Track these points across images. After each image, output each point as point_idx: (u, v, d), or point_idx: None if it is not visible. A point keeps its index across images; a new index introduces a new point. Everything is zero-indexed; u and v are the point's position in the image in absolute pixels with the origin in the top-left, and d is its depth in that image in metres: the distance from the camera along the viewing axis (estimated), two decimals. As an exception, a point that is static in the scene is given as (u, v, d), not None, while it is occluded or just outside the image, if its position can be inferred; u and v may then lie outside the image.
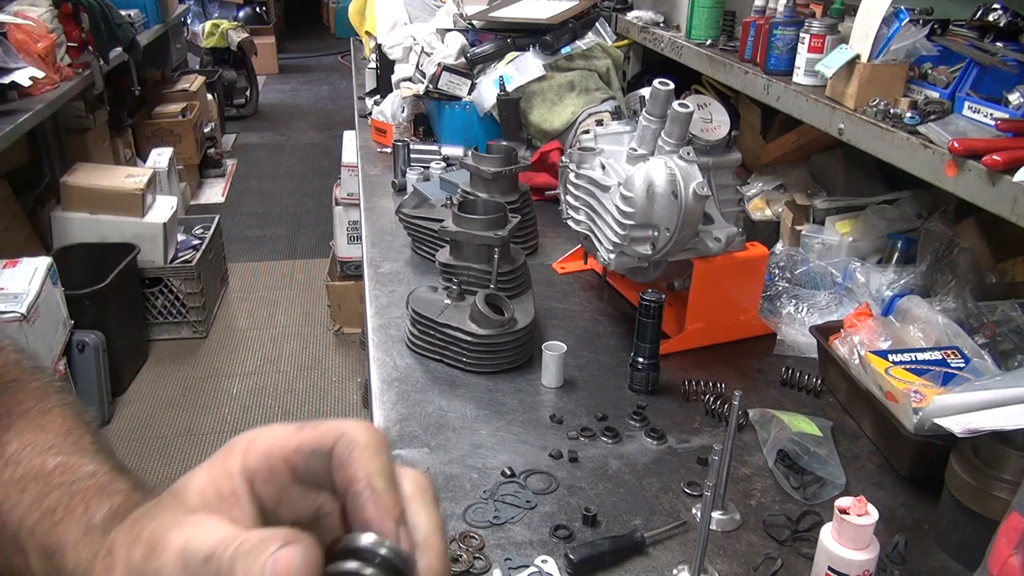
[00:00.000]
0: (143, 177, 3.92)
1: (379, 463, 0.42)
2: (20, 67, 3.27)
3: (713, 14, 2.21)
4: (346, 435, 0.42)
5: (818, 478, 1.25)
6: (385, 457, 0.42)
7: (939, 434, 1.11)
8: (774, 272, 1.80)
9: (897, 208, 1.83)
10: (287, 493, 0.44)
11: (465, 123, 2.62)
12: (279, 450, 0.43)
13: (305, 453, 0.43)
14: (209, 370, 3.89)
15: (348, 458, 0.42)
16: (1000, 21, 1.48)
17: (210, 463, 0.44)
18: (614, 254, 1.56)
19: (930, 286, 1.61)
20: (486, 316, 1.48)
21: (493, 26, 2.74)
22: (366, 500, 0.41)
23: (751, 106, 2.30)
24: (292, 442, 0.43)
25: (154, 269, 3.92)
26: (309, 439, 0.43)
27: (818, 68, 1.63)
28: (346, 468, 0.42)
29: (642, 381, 1.48)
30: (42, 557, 0.51)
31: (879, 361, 1.33)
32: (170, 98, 5.82)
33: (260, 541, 0.39)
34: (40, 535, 0.51)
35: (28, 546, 0.52)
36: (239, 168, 6.72)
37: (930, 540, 1.15)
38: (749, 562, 1.11)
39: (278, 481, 0.43)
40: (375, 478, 0.41)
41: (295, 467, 0.43)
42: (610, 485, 1.25)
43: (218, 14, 8.73)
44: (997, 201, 1.20)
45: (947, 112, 1.41)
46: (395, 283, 1.89)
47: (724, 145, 1.61)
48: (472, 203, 1.77)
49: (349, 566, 0.39)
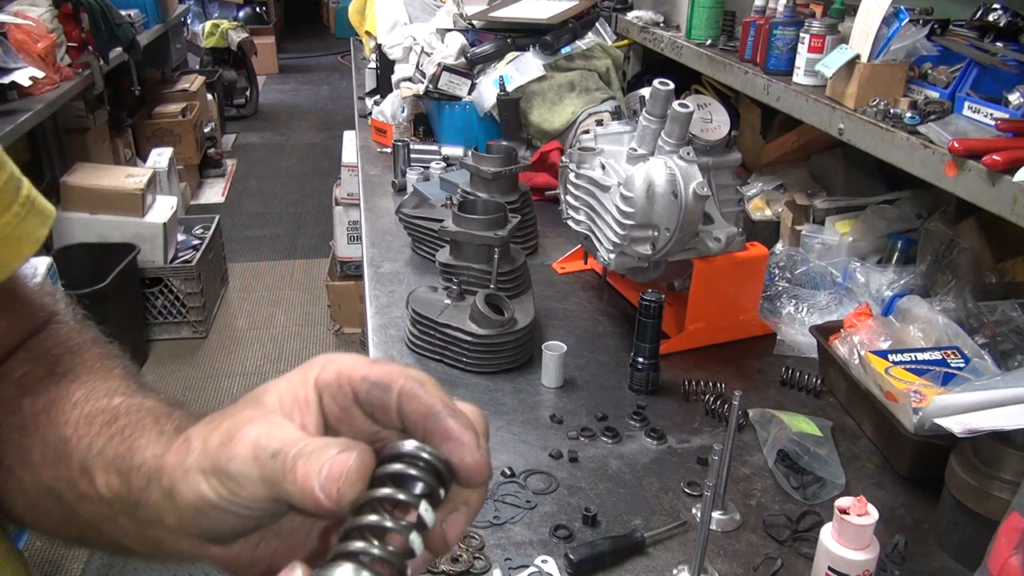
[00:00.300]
0: (143, 177, 3.93)
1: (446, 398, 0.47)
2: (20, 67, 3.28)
3: (713, 14, 2.21)
4: (413, 376, 0.47)
5: (818, 478, 1.25)
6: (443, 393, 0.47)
7: (939, 434, 1.11)
8: (774, 272, 1.80)
9: (897, 208, 1.83)
10: (349, 413, 0.48)
11: (465, 123, 2.62)
12: (348, 374, 0.48)
13: (370, 383, 0.47)
14: (209, 370, 3.89)
15: (417, 392, 0.46)
16: (1000, 21, 1.48)
17: (290, 374, 0.49)
18: (614, 254, 1.56)
19: (930, 286, 1.61)
20: (486, 316, 1.48)
21: (493, 26, 2.74)
22: (446, 418, 0.45)
23: (751, 106, 2.30)
24: (360, 371, 0.48)
25: (154, 269, 3.92)
26: (376, 373, 0.48)
27: (818, 68, 1.63)
28: (418, 400, 0.46)
29: (642, 381, 1.48)
30: (109, 469, 0.55)
31: (879, 361, 1.33)
32: (170, 98, 5.82)
33: (323, 445, 0.44)
34: (110, 452, 0.55)
35: (96, 466, 0.56)
36: (239, 168, 6.72)
37: (930, 540, 1.15)
38: (749, 562, 1.11)
39: (343, 400, 0.48)
40: (452, 405, 0.46)
41: (358, 392, 0.48)
42: (610, 485, 1.25)
43: (218, 14, 8.73)
44: (997, 201, 1.20)
45: (947, 112, 1.41)
46: (395, 283, 1.89)
47: (724, 145, 1.61)
48: (472, 203, 1.77)
49: (395, 467, 0.43)
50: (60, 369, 0.64)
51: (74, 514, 0.58)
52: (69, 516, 0.58)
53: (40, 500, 0.60)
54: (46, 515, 0.60)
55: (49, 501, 0.59)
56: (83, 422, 0.58)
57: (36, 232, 0.63)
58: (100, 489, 0.55)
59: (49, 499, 0.59)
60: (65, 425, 0.59)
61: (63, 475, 0.57)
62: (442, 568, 1.07)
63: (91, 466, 0.56)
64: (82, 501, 0.57)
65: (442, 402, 0.46)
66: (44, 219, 0.64)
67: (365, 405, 0.48)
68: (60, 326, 0.70)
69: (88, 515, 0.57)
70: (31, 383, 0.63)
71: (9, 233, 0.60)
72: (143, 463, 0.53)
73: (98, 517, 0.56)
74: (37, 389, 0.62)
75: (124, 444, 0.55)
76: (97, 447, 0.56)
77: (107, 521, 0.56)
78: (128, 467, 0.54)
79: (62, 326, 0.70)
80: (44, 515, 0.60)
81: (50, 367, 0.64)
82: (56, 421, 0.59)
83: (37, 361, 0.65)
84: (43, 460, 0.59)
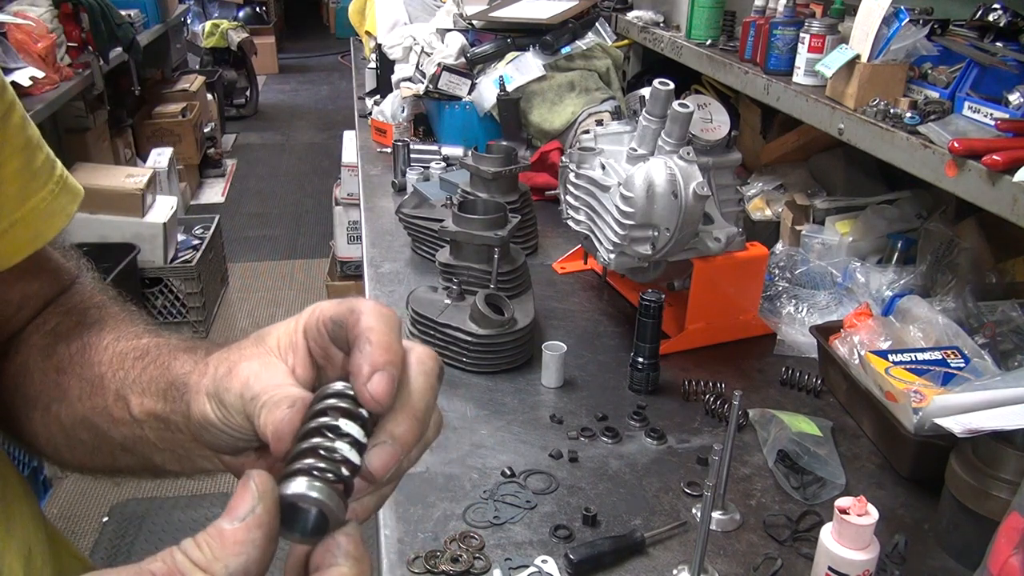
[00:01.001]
0: (143, 177, 3.93)
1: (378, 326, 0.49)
2: (20, 67, 3.28)
3: (713, 14, 2.21)
4: (355, 308, 0.51)
5: (818, 478, 1.25)
6: (383, 323, 0.50)
7: (939, 434, 1.11)
8: (774, 272, 1.80)
9: (897, 208, 1.83)
10: (328, 352, 0.53)
11: (465, 123, 2.62)
12: (323, 315, 0.52)
13: (333, 322, 0.51)
14: (209, 370, 3.89)
15: (354, 324, 0.50)
16: (1000, 21, 1.48)
17: (289, 319, 0.55)
18: (614, 254, 1.56)
19: (930, 286, 1.61)
20: (486, 316, 1.48)
21: (493, 26, 2.74)
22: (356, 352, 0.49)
23: (751, 106, 2.30)
24: (329, 312, 0.52)
25: (154, 269, 3.92)
26: (338, 311, 0.51)
27: (818, 68, 1.63)
28: (352, 331, 0.50)
29: (642, 381, 1.48)
30: (144, 391, 0.63)
31: (879, 361, 1.33)
32: (170, 98, 5.82)
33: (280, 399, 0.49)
34: (145, 377, 0.64)
35: (132, 391, 0.64)
36: (239, 168, 6.72)
37: (930, 540, 1.15)
38: (749, 562, 1.11)
39: (322, 342, 0.53)
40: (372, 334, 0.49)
41: (329, 333, 0.52)
42: (610, 485, 1.25)
43: (218, 14, 8.73)
44: (997, 201, 1.20)
45: (947, 112, 1.41)
46: (395, 283, 1.89)
47: (724, 145, 1.61)
48: (472, 203, 1.77)
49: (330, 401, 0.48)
50: (88, 320, 0.73)
51: (107, 440, 0.66)
52: (102, 443, 0.67)
53: (75, 431, 0.68)
54: (80, 445, 0.69)
55: (84, 431, 0.67)
56: (116, 359, 0.67)
57: (68, 208, 0.71)
58: (134, 411, 0.63)
59: (84, 429, 0.67)
60: (100, 364, 0.68)
61: (99, 404, 0.66)
62: (442, 568, 1.07)
63: (126, 393, 0.64)
64: (116, 426, 0.65)
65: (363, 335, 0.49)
66: (74, 196, 0.73)
67: (334, 343, 0.52)
68: (84, 285, 0.80)
69: (121, 438, 0.65)
70: (64, 331, 0.72)
71: (46, 208, 0.68)
72: (176, 377, 0.61)
73: (131, 439, 0.65)
74: (70, 336, 0.71)
75: (159, 369, 0.63)
76: (132, 376, 0.65)
77: (139, 441, 0.64)
78: (165, 385, 0.62)
79: (86, 285, 0.80)
80: (78, 445, 0.69)
81: (79, 317, 0.73)
82: (91, 360, 0.68)
83: (68, 314, 0.74)
84: (80, 394, 0.67)
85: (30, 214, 0.67)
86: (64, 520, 2.88)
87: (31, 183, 0.67)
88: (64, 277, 0.79)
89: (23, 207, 0.66)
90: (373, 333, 0.49)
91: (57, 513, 2.91)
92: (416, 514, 1.17)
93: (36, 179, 0.67)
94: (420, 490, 1.22)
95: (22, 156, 0.65)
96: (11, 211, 0.65)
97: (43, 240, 0.70)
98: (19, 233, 0.67)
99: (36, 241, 0.69)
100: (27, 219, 0.67)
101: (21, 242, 0.68)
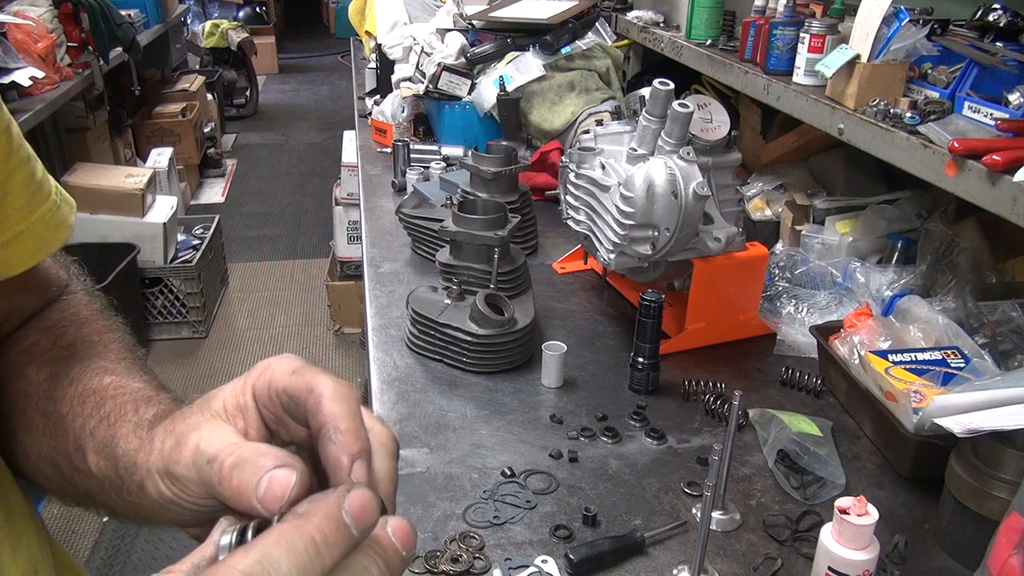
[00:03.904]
0: (143, 177, 3.93)
1: (343, 412, 0.48)
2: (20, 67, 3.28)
3: (713, 14, 2.21)
4: (315, 390, 0.49)
5: (818, 478, 1.25)
6: (346, 407, 0.49)
7: (939, 434, 1.11)
8: (774, 272, 1.80)
9: (897, 208, 1.83)
10: (281, 419, 0.52)
11: (465, 123, 2.62)
12: (275, 385, 0.51)
13: (288, 395, 0.50)
14: (209, 370, 3.89)
15: (316, 408, 0.48)
16: (1000, 21, 1.48)
17: (236, 380, 0.53)
18: (614, 254, 1.56)
19: (930, 286, 1.61)
20: (486, 316, 1.48)
21: (493, 26, 2.74)
22: (328, 442, 0.47)
23: (751, 106, 2.30)
24: (283, 383, 0.51)
25: (154, 269, 3.93)
26: (292, 386, 0.50)
27: (818, 68, 1.63)
28: (315, 416, 0.48)
29: (642, 381, 1.48)
30: (98, 452, 0.61)
31: (879, 361, 1.33)
32: (170, 98, 5.82)
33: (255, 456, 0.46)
34: (98, 435, 0.61)
35: (88, 446, 0.62)
36: (239, 168, 6.72)
37: (930, 540, 1.15)
38: (749, 562, 1.11)
39: (274, 408, 0.51)
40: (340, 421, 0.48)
41: (283, 404, 0.51)
42: (610, 485, 1.25)
43: (218, 14, 8.74)
44: (997, 201, 1.20)
45: (947, 112, 1.41)
46: (395, 283, 1.89)
47: (724, 145, 1.61)
48: (472, 203, 1.77)
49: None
50: (63, 341, 0.71)
51: (71, 483, 0.64)
52: (66, 485, 0.65)
53: (41, 466, 0.66)
54: (46, 480, 0.67)
55: (49, 469, 0.65)
56: (77, 400, 0.65)
57: (68, 218, 0.71)
58: (92, 468, 0.61)
59: (48, 467, 0.65)
60: (62, 401, 0.65)
61: (61, 448, 0.64)
62: (442, 568, 1.07)
63: (84, 445, 0.62)
64: (77, 474, 0.62)
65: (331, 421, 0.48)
66: (71, 207, 0.72)
67: (291, 416, 0.51)
68: (72, 297, 0.78)
69: (84, 487, 0.63)
70: (38, 352, 0.70)
71: (51, 219, 0.68)
72: (123, 454, 0.58)
73: (92, 490, 0.62)
74: (42, 359, 0.70)
75: (110, 431, 0.61)
76: (89, 428, 0.62)
77: (100, 494, 0.62)
78: (113, 455, 0.59)
79: (73, 297, 0.78)
80: (44, 480, 0.67)
81: (55, 339, 0.71)
82: (55, 395, 0.66)
83: (46, 332, 0.72)
84: (44, 431, 0.65)
85: (36, 225, 0.66)
86: (64, 520, 2.89)
87: (37, 193, 0.67)
88: (52, 288, 0.77)
89: (29, 218, 0.66)
90: (341, 420, 0.48)
91: (57, 513, 2.91)
92: (416, 514, 1.17)
93: (41, 190, 0.67)
94: (420, 490, 1.22)
95: (27, 168, 0.65)
96: (17, 222, 0.65)
97: (47, 251, 0.69)
98: (24, 244, 0.66)
99: (41, 252, 0.69)
100: (33, 230, 0.66)
101: (26, 253, 0.67)
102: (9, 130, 0.63)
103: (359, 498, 0.42)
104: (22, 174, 0.65)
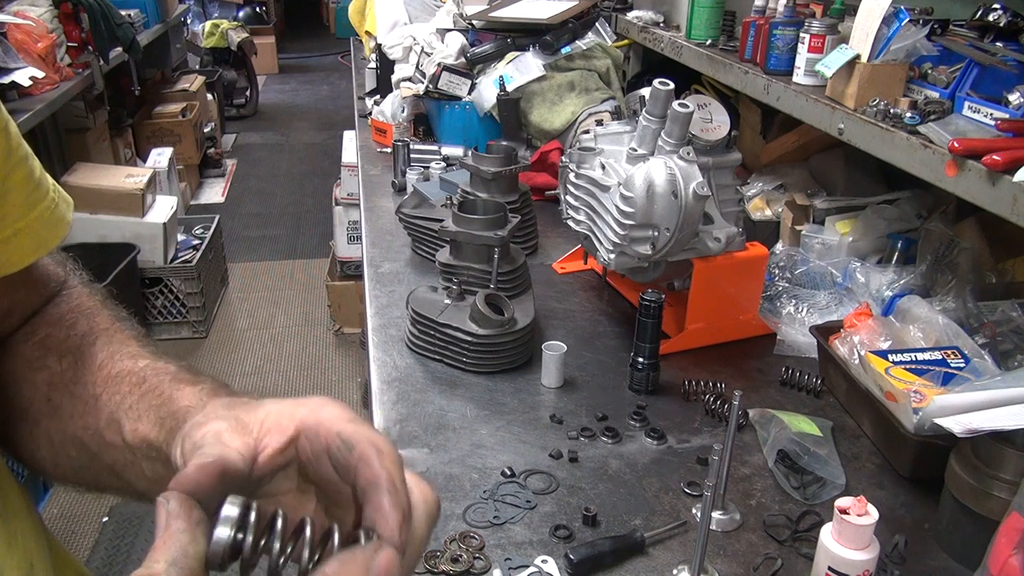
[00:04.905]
0: (143, 177, 3.93)
1: (398, 471, 0.51)
2: (20, 67, 3.28)
3: (713, 14, 2.21)
4: (376, 443, 0.51)
5: (818, 478, 1.25)
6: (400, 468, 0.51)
7: (939, 434, 1.11)
8: (774, 272, 1.80)
9: (897, 208, 1.83)
10: (319, 458, 0.53)
11: (465, 123, 2.62)
12: (328, 426, 0.52)
13: (341, 439, 0.52)
14: (209, 370, 3.82)
15: (372, 459, 0.50)
16: (1000, 21, 1.48)
17: (288, 403, 0.55)
18: (614, 254, 1.56)
19: (930, 286, 1.61)
20: (486, 316, 1.48)
21: (493, 26, 2.74)
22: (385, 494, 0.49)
23: (751, 106, 2.30)
24: (337, 426, 0.52)
25: (154, 269, 3.93)
26: (348, 432, 0.52)
27: (818, 68, 1.63)
28: (370, 467, 0.50)
29: (642, 381, 1.48)
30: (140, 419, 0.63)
31: (879, 361, 1.33)
32: (170, 98, 5.82)
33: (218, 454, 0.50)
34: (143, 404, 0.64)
35: (126, 417, 0.64)
36: (239, 168, 6.72)
37: (930, 540, 1.15)
38: (749, 562, 1.11)
39: (316, 446, 0.53)
40: (396, 480, 0.50)
41: (330, 445, 0.52)
42: (610, 485, 1.25)
43: (218, 14, 8.74)
44: (997, 201, 1.20)
45: (947, 112, 1.41)
46: (395, 283, 1.89)
47: (724, 145, 1.61)
48: (472, 203, 1.77)
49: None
50: (77, 331, 0.73)
51: (96, 460, 0.66)
52: (90, 462, 0.67)
53: (64, 448, 0.68)
54: (66, 462, 0.69)
55: (73, 449, 0.68)
56: (112, 381, 0.67)
57: (67, 215, 0.72)
58: (127, 436, 0.63)
59: (73, 447, 0.68)
60: (93, 384, 0.68)
61: (92, 425, 0.66)
62: (442, 568, 1.07)
63: (120, 417, 0.64)
64: (106, 449, 0.65)
65: (387, 476, 0.50)
66: (69, 205, 0.73)
67: (332, 458, 0.52)
68: (72, 290, 0.79)
69: (111, 461, 0.65)
70: (53, 344, 0.72)
71: (50, 216, 0.69)
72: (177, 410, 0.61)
73: (120, 463, 0.65)
74: (61, 349, 0.71)
75: (159, 398, 0.63)
76: (129, 402, 0.65)
77: (128, 466, 0.64)
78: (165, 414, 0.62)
79: (73, 290, 0.79)
80: (64, 461, 0.69)
81: (68, 330, 0.73)
82: (83, 379, 0.68)
83: (56, 324, 0.74)
84: (72, 413, 0.68)
85: (35, 222, 0.67)
86: (64, 520, 2.89)
87: (36, 191, 0.68)
88: (51, 284, 0.79)
89: (28, 215, 0.67)
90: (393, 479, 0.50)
91: (57, 513, 2.91)
92: (416, 514, 1.17)
93: (40, 188, 0.68)
94: (420, 490, 1.22)
95: (26, 165, 0.66)
96: (16, 219, 0.66)
97: (47, 248, 0.70)
98: (24, 241, 0.67)
99: (40, 249, 0.70)
100: (32, 227, 0.67)
101: (25, 250, 0.68)
102: (7, 129, 0.64)
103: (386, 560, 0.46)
104: (21, 172, 0.66)
